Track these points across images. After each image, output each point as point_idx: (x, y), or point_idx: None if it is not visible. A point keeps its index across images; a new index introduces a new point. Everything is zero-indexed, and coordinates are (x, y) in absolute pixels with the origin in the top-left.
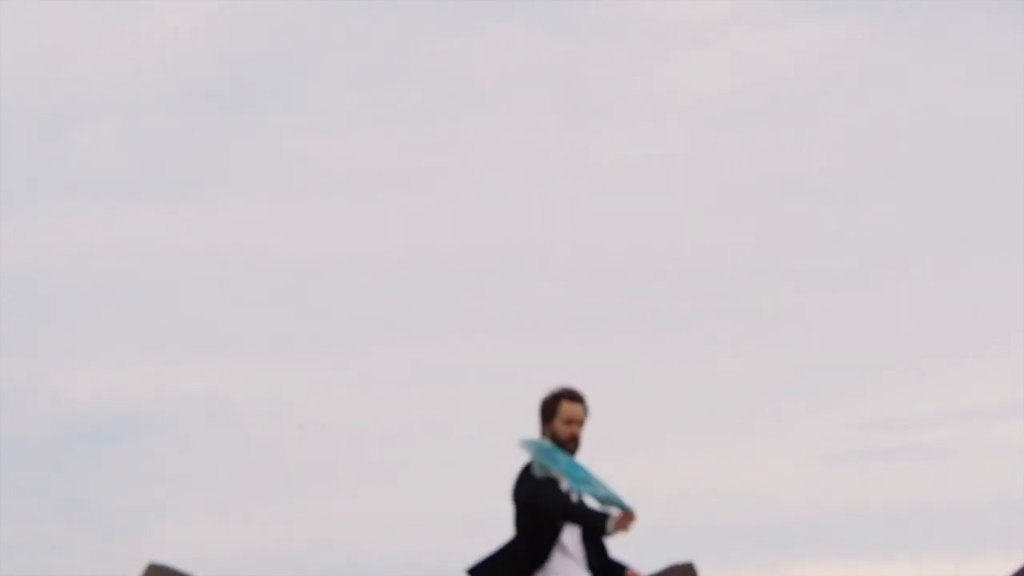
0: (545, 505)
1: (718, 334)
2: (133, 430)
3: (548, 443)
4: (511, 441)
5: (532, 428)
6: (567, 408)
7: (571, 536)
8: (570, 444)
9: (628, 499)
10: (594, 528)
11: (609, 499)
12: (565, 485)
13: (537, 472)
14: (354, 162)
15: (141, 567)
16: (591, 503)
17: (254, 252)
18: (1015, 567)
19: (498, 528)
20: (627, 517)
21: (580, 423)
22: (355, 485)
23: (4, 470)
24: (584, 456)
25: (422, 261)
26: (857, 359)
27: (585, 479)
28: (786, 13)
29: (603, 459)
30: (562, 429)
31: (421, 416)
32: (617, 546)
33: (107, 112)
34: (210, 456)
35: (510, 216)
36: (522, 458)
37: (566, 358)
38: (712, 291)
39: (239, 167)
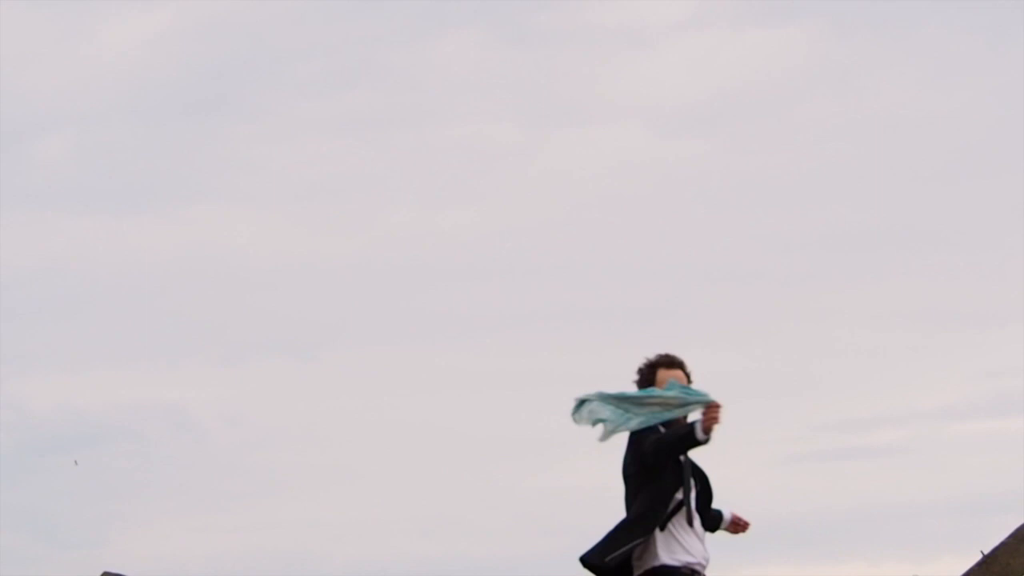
0: (646, 450)
1: (675, 336)
2: (91, 440)
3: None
4: (469, 445)
5: (492, 432)
6: (664, 375)
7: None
8: None
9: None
10: (689, 440)
11: (689, 400)
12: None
13: (627, 421)
14: (312, 169)
15: None
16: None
17: (213, 261)
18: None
19: (457, 532)
20: (710, 410)
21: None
22: (315, 492)
23: None
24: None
25: (382, 267)
26: (814, 360)
27: (668, 388)
28: (743, 17)
29: (565, 461)
30: None
31: (381, 422)
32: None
33: (65, 122)
34: (169, 465)
35: (468, 221)
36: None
37: (525, 361)
38: (669, 294)
39: (197, 176)
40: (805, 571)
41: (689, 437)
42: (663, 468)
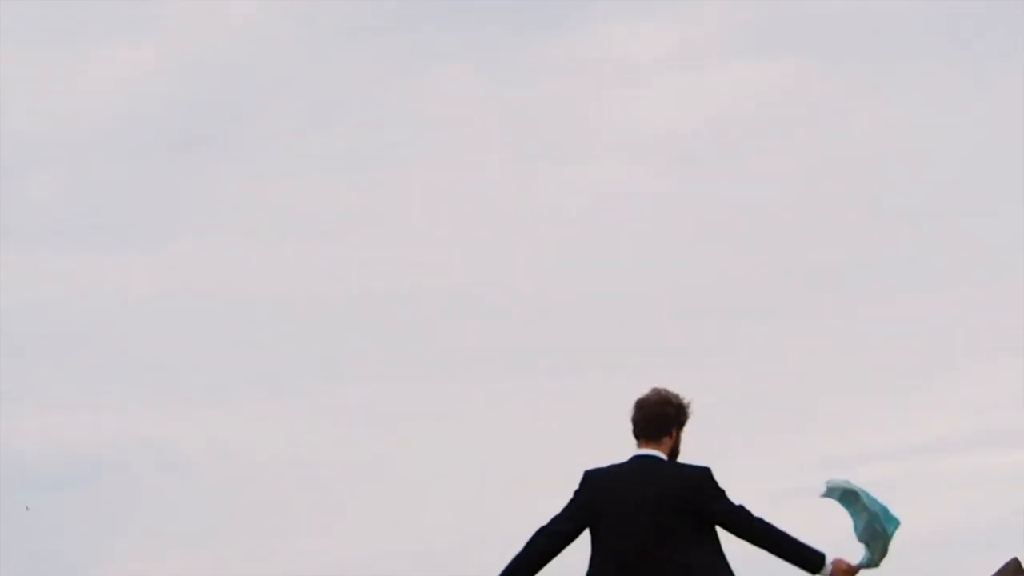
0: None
1: (663, 372)
2: (80, 477)
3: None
4: (460, 479)
5: (482, 467)
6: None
7: None
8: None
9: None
10: (802, 564)
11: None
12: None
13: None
14: (299, 205)
15: None
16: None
17: (200, 297)
18: None
19: (450, 566)
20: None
21: None
22: (304, 528)
23: None
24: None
25: (369, 304)
26: (803, 395)
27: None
28: (730, 51)
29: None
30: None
31: (371, 457)
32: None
33: (52, 159)
34: (158, 502)
35: (455, 258)
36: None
37: (513, 398)
38: (655, 329)
39: (184, 212)
40: None
41: (805, 563)
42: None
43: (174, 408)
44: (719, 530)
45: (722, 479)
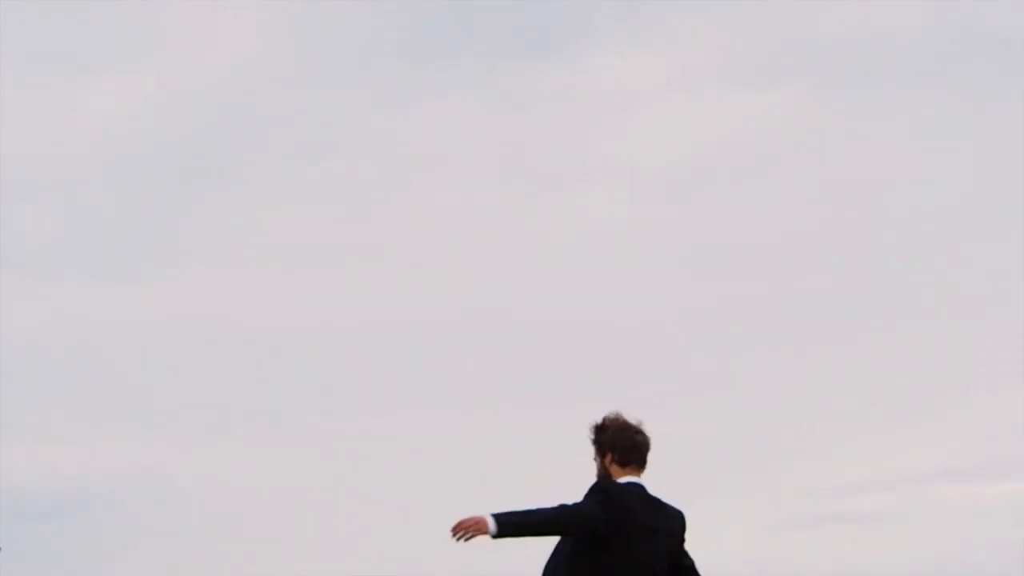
0: None
1: (656, 401)
2: (75, 507)
3: None
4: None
5: (476, 497)
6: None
7: None
8: None
9: None
10: None
11: None
12: None
13: None
14: (295, 236)
15: None
16: None
17: (195, 328)
18: None
19: None
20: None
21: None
22: (299, 558)
23: None
24: None
25: (366, 334)
26: (795, 427)
27: None
28: (723, 81)
29: None
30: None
31: (365, 489)
32: None
33: (47, 189)
34: (152, 532)
35: (452, 288)
36: None
37: (511, 426)
38: (650, 358)
39: (179, 243)
40: None
41: None
42: None
43: (168, 439)
44: None
45: (723, 509)
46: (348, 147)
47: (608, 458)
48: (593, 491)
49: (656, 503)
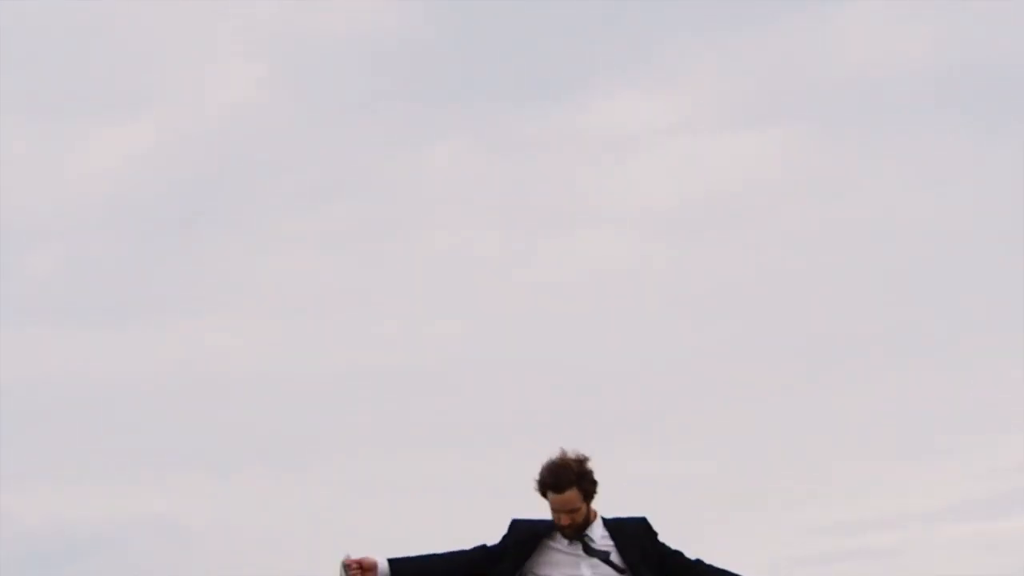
0: None
1: (667, 442)
2: (82, 552)
3: None
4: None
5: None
6: (552, 500)
7: None
8: (566, 531)
9: None
10: None
11: None
12: None
13: None
14: (297, 282)
15: None
16: None
17: (200, 374)
18: None
19: None
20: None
21: (568, 511)
22: None
23: None
24: None
25: (370, 379)
26: (813, 463)
27: None
28: (727, 121)
29: None
30: (554, 517)
31: (373, 531)
32: None
33: (50, 237)
34: None
35: (454, 331)
36: None
37: (513, 471)
38: (660, 400)
39: (184, 289)
40: None
41: None
42: None
43: (174, 483)
44: None
45: (730, 548)
46: (349, 193)
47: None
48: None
49: None
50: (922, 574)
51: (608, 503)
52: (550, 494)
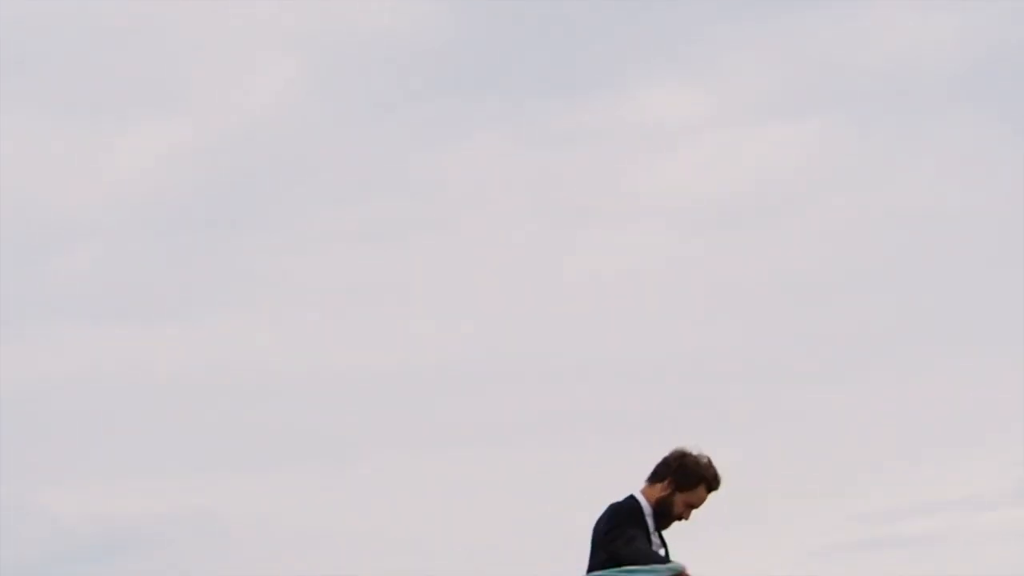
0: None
1: (707, 433)
2: (123, 548)
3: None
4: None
5: (521, 534)
6: (704, 497)
7: None
8: (680, 521)
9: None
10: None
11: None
12: None
13: None
14: (334, 276)
15: None
16: None
17: (238, 369)
18: None
19: None
20: None
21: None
22: None
23: None
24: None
25: (408, 373)
26: (848, 452)
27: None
28: (762, 114)
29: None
30: (687, 511)
31: (411, 526)
32: None
33: (88, 235)
34: (200, 572)
35: (492, 326)
36: None
37: (552, 466)
38: (700, 392)
39: (220, 285)
40: None
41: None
42: None
43: (213, 479)
44: None
45: (769, 535)
46: (384, 188)
47: None
48: None
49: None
50: (959, 561)
51: None
52: (706, 492)
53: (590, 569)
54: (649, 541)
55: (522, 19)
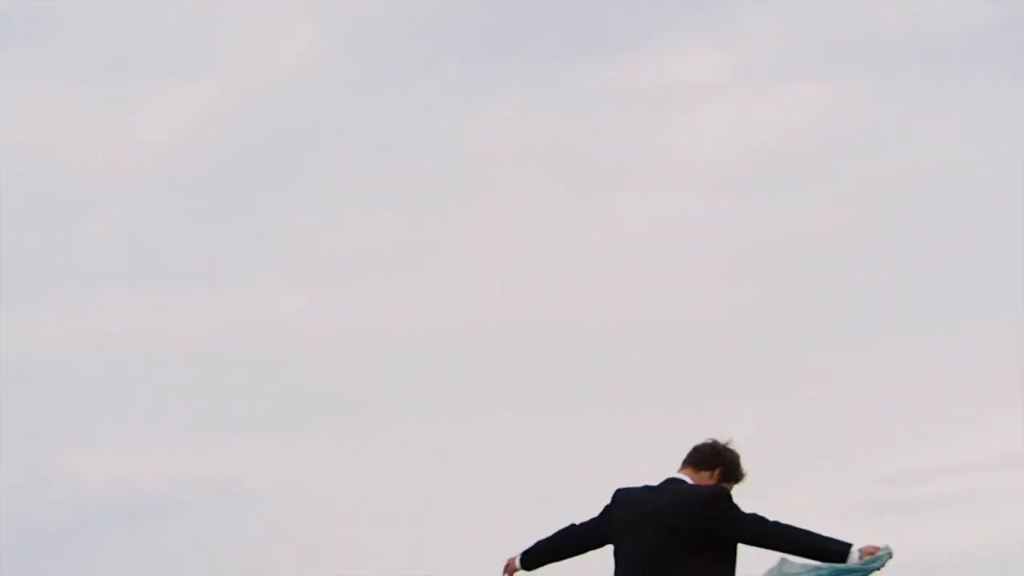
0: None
1: (732, 396)
2: (148, 512)
3: None
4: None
5: (546, 499)
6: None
7: None
8: None
9: None
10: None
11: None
12: None
13: None
14: (358, 240)
15: None
16: None
17: (264, 333)
18: None
19: None
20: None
21: None
22: (370, 560)
23: (20, 557)
24: None
25: (432, 338)
26: (874, 414)
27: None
28: (786, 72)
29: None
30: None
31: (439, 491)
32: None
33: (113, 199)
34: (225, 537)
35: (517, 290)
36: None
37: (576, 431)
38: (725, 354)
39: (245, 250)
40: None
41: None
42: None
43: (239, 444)
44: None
45: (794, 497)
46: (408, 151)
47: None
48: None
49: (666, 492)
50: (986, 522)
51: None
52: (733, 484)
53: (676, 552)
54: None
55: None
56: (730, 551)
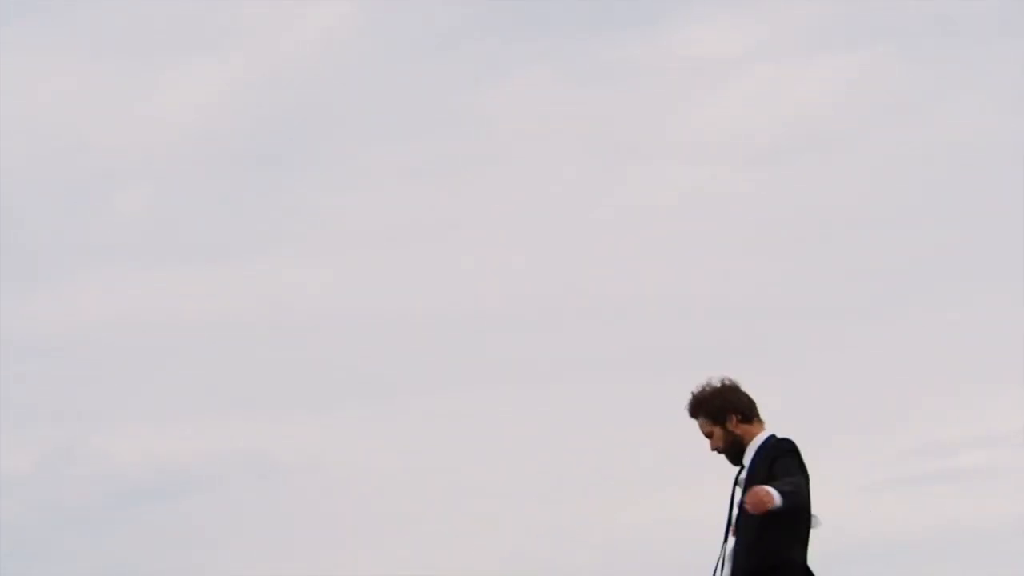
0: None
1: (757, 370)
2: (176, 488)
3: None
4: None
5: (572, 470)
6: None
7: None
8: (720, 454)
9: None
10: None
11: None
12: None
13: None
14: (383, 216)
15: None
16: None
17: (291, 308)
18: None
19: (546, 573)
20: None
21: (706, 436)
22: (398, 536)
23: (47, 533)
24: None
25: (458, 313)
26: (897, 387)
27: None
28: (810, 45)
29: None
30: None
31: (464, 466)
32: None
33: (140, 175)
34: (253, 513)
35: (542, 264)
36: None
37: (604, 403)
38: (750, 328)
39: (273, 225)
40: None
41: None
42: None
43: (268, 420)
44: None
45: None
46: (432, 124)
47: (734, 420)
48: (793, 451)
49: None
50: (1010, 495)
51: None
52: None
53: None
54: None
55: None
56: None
